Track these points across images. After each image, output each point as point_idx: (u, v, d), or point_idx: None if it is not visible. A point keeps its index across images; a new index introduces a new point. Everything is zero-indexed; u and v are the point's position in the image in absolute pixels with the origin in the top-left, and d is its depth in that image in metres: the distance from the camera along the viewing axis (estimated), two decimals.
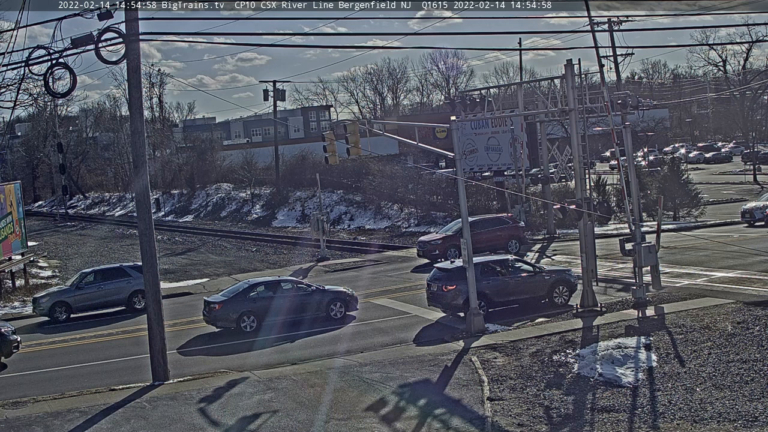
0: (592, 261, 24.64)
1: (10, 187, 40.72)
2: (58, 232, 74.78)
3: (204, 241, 57.68)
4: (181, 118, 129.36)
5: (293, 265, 41.21)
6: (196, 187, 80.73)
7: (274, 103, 69.27)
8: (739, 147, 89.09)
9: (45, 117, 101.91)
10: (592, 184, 40.77)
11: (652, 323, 21.53)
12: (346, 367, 20.30)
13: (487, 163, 45.36)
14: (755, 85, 73.56)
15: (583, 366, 18.65)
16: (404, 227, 52.00)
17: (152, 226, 20.82)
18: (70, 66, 18.98)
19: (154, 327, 20.56)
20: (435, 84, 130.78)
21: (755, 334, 19.40)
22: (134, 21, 19.33)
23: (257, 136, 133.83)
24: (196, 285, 37.39)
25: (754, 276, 26.30)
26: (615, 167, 42.13)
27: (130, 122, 21.39)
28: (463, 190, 23.95)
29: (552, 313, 24.32)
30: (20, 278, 40.16)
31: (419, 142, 27.96)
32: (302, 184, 65.76)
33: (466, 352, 20.78)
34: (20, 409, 18.35)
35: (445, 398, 17.49)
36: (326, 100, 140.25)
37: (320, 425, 16.19)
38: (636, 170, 29.11)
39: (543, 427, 15.55)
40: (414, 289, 31.03)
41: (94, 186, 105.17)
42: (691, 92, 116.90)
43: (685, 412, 15.39)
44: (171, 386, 19.70)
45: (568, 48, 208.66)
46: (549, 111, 35.73)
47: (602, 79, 33.87)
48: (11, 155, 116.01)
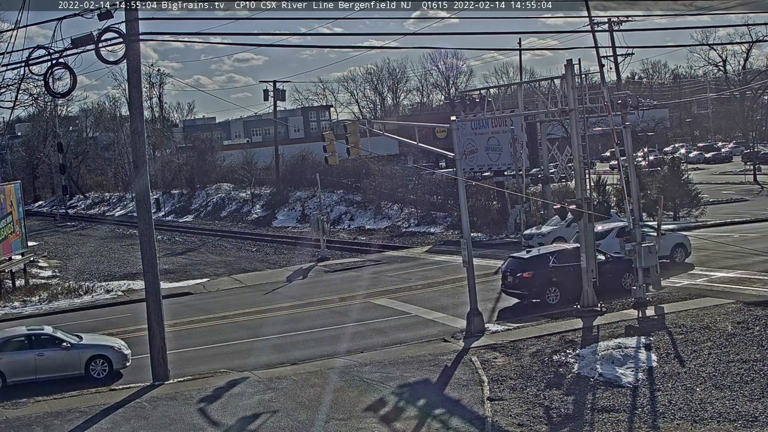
0: (592, 261, 24.63)
1: (10, 187, 40.74)
2: (58, 232, 74.77)
3: (204, 241, 57.68)
4: (180, 118, 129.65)
5: (293, 265, 41.20)
6: (196, 187, 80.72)
7: (275, 103, 69.30)
8: (739, 147, 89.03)
9: (45, 117, 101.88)
10: (592, 184, 40.72)
11: (652, 323, 21.53)
12: (346, 367, 20.30)
13: (487, 163, 45.36)
14: (755, 85, 73.54)
15: (583, 366, 18.65)
16: (404, 227, 51.99)
17: (152, 226, 20.84)
18: (70, 66, 19.03)
19: (154, 327, 20.58)
20: (435, 84, 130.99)
21: (755, 334, 19.40)
22: (134, 21, 19.35)
23: (257, 136, 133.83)
24: (196, 285, 37.41)
25: (754, 276, 26.30)
26: (615, 167, 42.10)
27: (130, 122, 21.40)
28: (463, 190, 23.94)
29: (552, 313, 24.33)
30: (20, 278, 40.16)
31: (419, 142, 27.96)
32: (302, 184, 65.76)
33: (466, 352, 20.78)
34: (20, 409, 18.37)
35: (445, 398, 17.49)
36: (326, 100, 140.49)
37: (320, 425, 16.19)
38: (636, 170, 29.09)
39: (543, 427, 15.55)
40: (414, 289, 31.05)
41: (94, 186, 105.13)
42: (691, 92, 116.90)
43: (685, 412, 15.39)
44: (171, 386, 19.71)
45: (568, 48, 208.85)
46: (549, 111, 35.74)
47: (602, 79, 33.95)
48: (11, 155, 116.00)
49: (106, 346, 22.17)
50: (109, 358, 21.83)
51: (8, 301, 35.49)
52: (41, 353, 21.37)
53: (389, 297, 29.75)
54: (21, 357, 21.27)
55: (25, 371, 21.24)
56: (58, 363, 21.48)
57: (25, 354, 21.33)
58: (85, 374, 21.53)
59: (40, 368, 21.32)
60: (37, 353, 21.36)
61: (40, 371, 21.32)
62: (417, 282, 32.36)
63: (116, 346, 22.33)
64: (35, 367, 21.32)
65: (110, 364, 21.78)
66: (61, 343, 21.68)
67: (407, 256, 40.18)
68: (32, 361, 21.30)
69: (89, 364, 21.61)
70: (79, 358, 21.66)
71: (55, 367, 21.49)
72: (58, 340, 21.75)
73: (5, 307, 34.12)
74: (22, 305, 34.26)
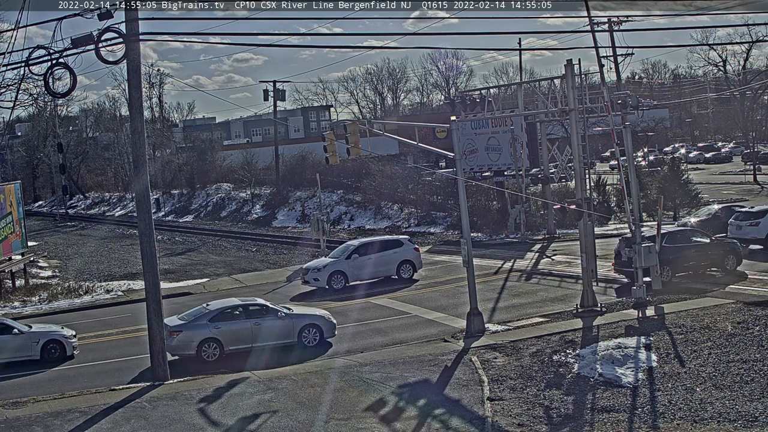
0: (592, 261, 24.65)
1: (10, 187, 40.73)
2: (58, 232, 74.74)
3: (204, 241, 57.65)
4: (180, 118, 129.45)
5: (293, 265, 41.17)
6: (196, 187, 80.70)
7: (275, 103, 69.29)
8: (739, 147, 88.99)
9: (45, 117, 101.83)
10: (592, 184, 40.76)
11: (652, 323, 21.53)
12: (346, 367, 20.30)
13: (487, 163, 45.37)
14: (755, 85, 73.46)
15: (583, 366, 18.65)
16: (404, 227, 51.99)
17: (152, 226, 20.83)
18: (70, 66, 19.00)
19: (154, 327, 20.56)
20: (435, 84, 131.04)
21: (755, 334, 19.40)
22: (134, 21, 19.34)
23: (257, 136, 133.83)
24: (196, 285, 37.41)
25: (754, 276, 26.31)
26: (615, 167, 42.17)
27: (130, 122, 21.40)
28: (463, 190, 23.95)
29: (552, 313, 24.34)
30: (20, 278, 40.16)
31: (419, 142, 27.97)
32: (302, 184, 65.74)
33: (466, 352, 20.78)
34: (20, 409, 18.35)
35: (444, 398, 17.49)
36: (326, 100, 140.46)
37: (320, 425, 16.19)
38: (636, 170, 29.11)
39: (543, 427, 15.55)
40: (414, 289, 31.05)
41: (94, 186, 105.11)
42: (691, 92, 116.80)
43: (685, 412, 15.39)
44: (171, 386, 19.70)
45: (568, 48, 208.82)
46: (549, 111, 35.75)
47: (602, 79, 33.96)
48: (11, 155, 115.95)
49: (318, 316, 23.52)
50: (320, 327, 23.20)
51: (8, 301, 35.48)
52: (258, 323, 22.78)
53: (389, 297, 29.75)
54: (238, 326, 22.65)
55: (242, 340, 22.66)
56: (275, 332, 22.93)
57: (242, 323, 22.76)
58: (297, 342, 22.94)
59: (256, 337, 22.70)
60: (254, 322, 22.77)
61: (257, 340, 22.70)
62: (416, 282, 32.37)
63: (326, 315, 23.73)
64: (252, 335, 22.64)
65: (321, 333, 23.16)
66: (276, 312, 23.09)
67: None
68: (249, 330, 22.66)
69: (302, 333, 22.99)
70: (293, 326, 23.06)
71: (271, 335, 22.88)
72: (273, 310, 23.18)
73: (5, 307, 34.11)
74: (22, 305, 34.26)
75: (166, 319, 22.16)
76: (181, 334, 22.33)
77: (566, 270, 31.22)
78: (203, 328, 22.44)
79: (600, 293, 25.64)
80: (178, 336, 22.29)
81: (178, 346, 22.35)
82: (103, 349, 25.19)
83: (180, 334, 22.32)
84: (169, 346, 21.58)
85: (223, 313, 22.85)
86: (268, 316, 23.06)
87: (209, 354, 22.38)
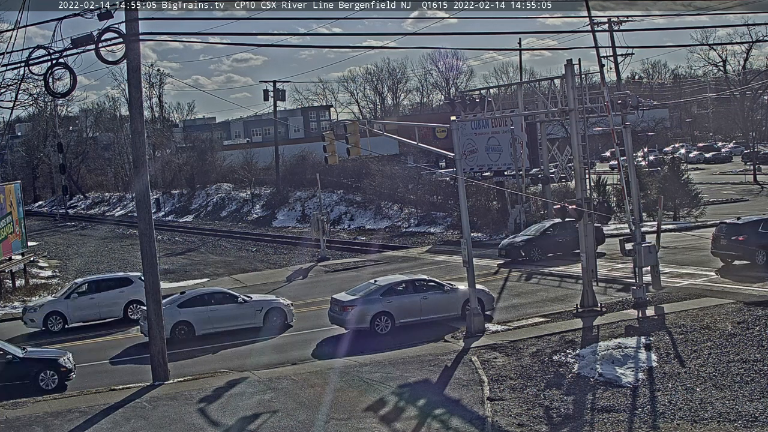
0: (592, 261, 24.64)
1: (10, 187, 40.72)
2: (58, 232, 74.74)
3: (204, 241, 57.65)
4: (180, 118, 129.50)
5: (293, 265, 41.20)
6: (196, 187, 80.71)
7: (275, 103, 69.28)
8: (739, 147, 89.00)
9: (45, 117, 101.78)
10: (592, 184, 40.74)
11: (652, 323, 21.52)
12: (346, 367, 20.30)
13: (487, 163, 45.36)
14: (755, 85, 73.47)
15: (583, 366, 18.65)
16: (404, 227, 51.99)
17: (152, 226, 20.83)
18: (70, 66, 19.01)
19: (154, 327, 20.57)
20: (435, 84, 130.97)
21: (755, 334, 19.40)
22: (134, 21, 19.34)
23: (257, 136, 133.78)
24: (196, 285, 37.33)
25: (755, 275, 26.29)
26: (615, 167, 42.10)
27: (130, 122, 21.41)
28: (463, 190, 23.96)
29: (552, 313, 24.33)
30: (20, 278, 40.15)
31: (419, 142, 27.97)
32: (302, 184, 65.74)
33: (466, 352, 20.78)
34: (20, 409, 18.35)
35: (445, 398, 17.49)
36: (326, 100, 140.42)
37: (320, 425, 16.19)
38: (636, 170, 29.09)
39: (543, 427, 15.55)
40: None
41: (94, 186, 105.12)
42: (691, 92, 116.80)
43: (685, 412, 15.39)
44: (171, 386, 19.70)
45: (567, 48, 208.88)
46: (549, 111, 35.71)
47: (602, 79, 33.90)
48: (11, 155, 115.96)
49: (480, 290, 24.10)
50: (482, 300, 23.69)
51: (8, 301, 35.47)
52: (425, 296, 24.19)
53: None
54: (408, 300, 24.01)
55: (412, 313, 23.96)
56: (440, 305, 24.29)
57: (413, 297, 24.14)
58: (460, 315, 23.98)
59: (424, 310, 24.03)
60: (422, 296, 24.19)
61: (425, 312, 24.03)
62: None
63: (486, 290, 25.21)
64: (420, 308, 23.97)
65: (483, 306, 23.72)
66: (442, 287, 24.59)
67: (407, 256, 40.19)
68: (418, 303, 24.03)
69: (464, 307, 23.89)
70: (457, 300, 24.36)
71: (437, 308, 24.21)
72: (440, 285, 24.67)
73: (5, 307, 34.11)
74: (22, 305, 34.20)
75: (336, 295, 24.28)
76: (355, 309, 23.29)
77: (566, 270, 31.22)
78: (376, 303, 23.68)
79: (600, 293, 25.63)
80: (352, 310, 23.22)
81: (352, 320, 23.27)
82: (104, 350, 25.19)
83: (354, 309, 23.29)
84: (342, 320, 23.12)
85: (393, 288, 24.12)
86: (435, 290, 24.38)
87: (381, 327, 23.61)
